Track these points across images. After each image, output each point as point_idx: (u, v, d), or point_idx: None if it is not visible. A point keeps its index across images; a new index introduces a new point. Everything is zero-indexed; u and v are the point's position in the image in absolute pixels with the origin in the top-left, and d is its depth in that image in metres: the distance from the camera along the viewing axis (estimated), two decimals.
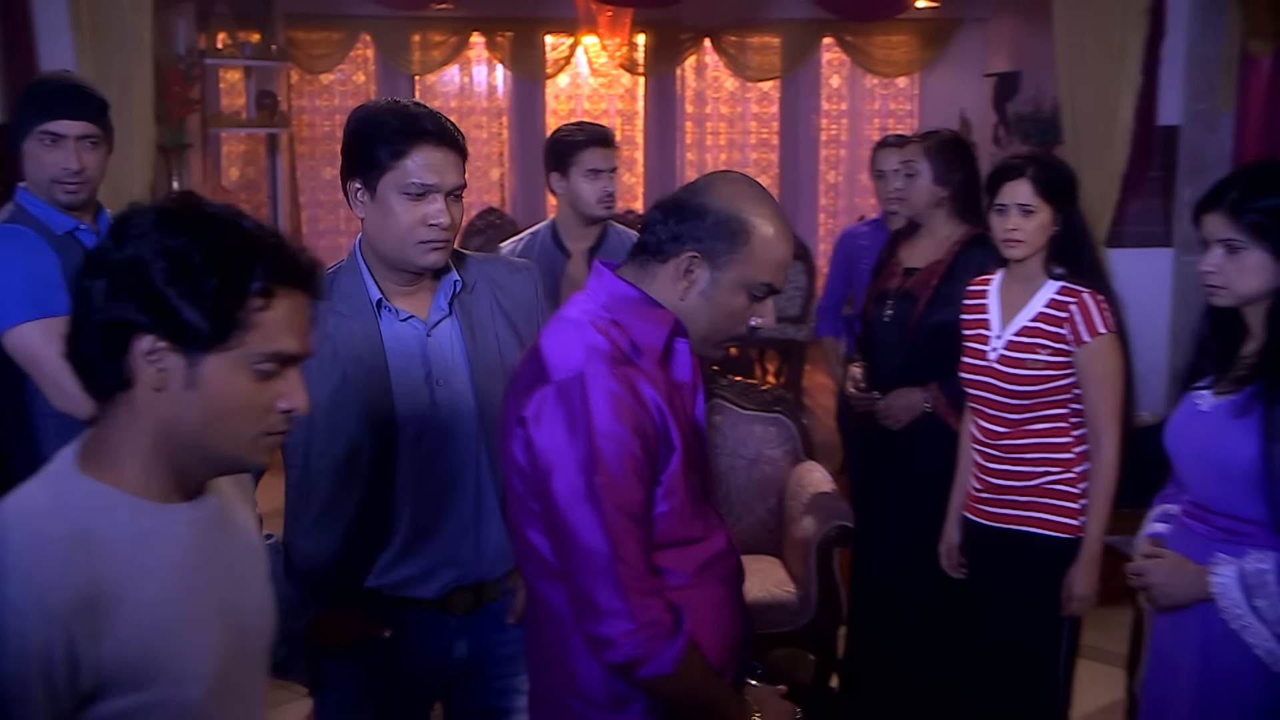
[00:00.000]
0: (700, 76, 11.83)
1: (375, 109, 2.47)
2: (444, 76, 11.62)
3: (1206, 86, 7.05)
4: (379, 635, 2.45)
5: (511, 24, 11.10)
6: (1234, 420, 2.52)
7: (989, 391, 3.38)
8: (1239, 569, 2.50)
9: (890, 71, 11.54)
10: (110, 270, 1.52)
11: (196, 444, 1.58)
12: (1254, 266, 2.51)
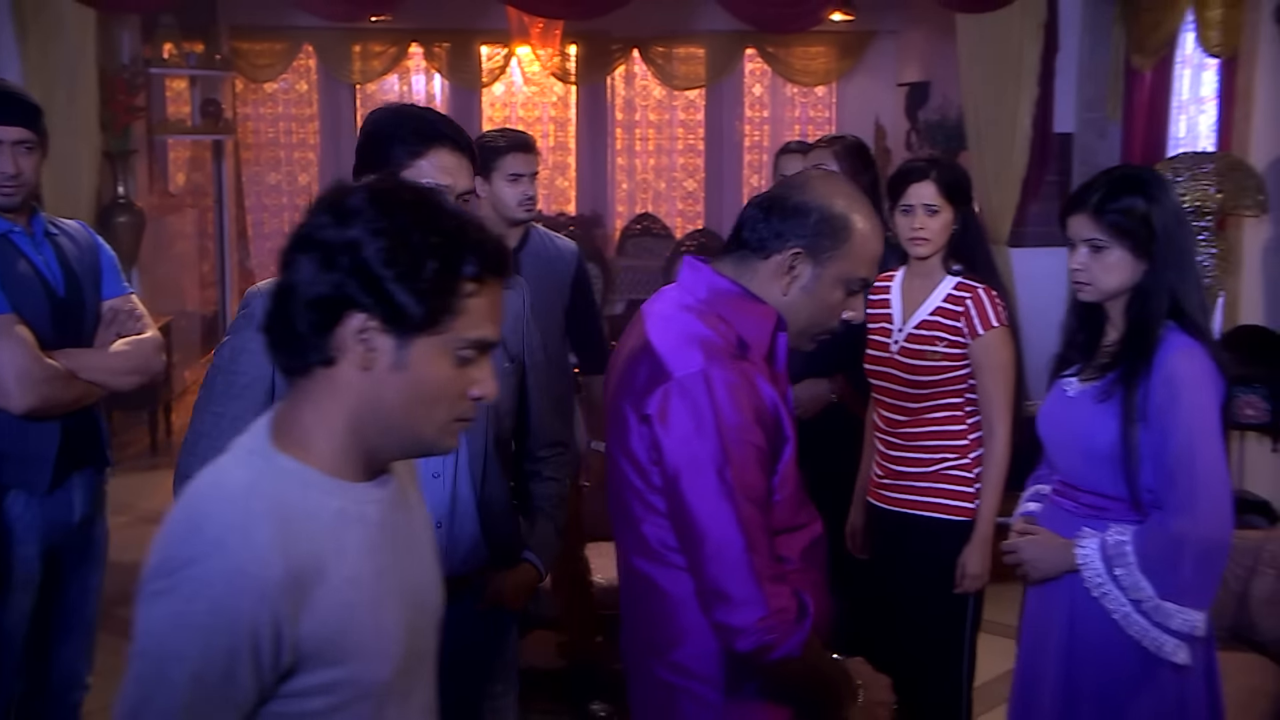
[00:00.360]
0: (629, 85, 11.94)
1: (393, 112, 2.50)
2: (384, 85, 11.67)
3: (1096, 97, 7.29)
4: None
5: (448, 35, 11.16)
6: (1097, 405, 2.61)
7: (890, 381, 3.43)
8: (1101, 541, 2.59)
9: (809, 81, 11.69)
10: (326, 248, 1.46)
11: (394, 426, 1.52)
12: (1116, 264, 2.58)
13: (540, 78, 11.64)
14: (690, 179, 12.07)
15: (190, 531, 1.44)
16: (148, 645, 1.42)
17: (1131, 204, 2.57)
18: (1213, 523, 2.50)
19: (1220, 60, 5.98)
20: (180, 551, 1.42)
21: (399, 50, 11.27)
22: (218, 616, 1.39)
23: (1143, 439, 2.55)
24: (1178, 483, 2.51)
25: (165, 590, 1.41)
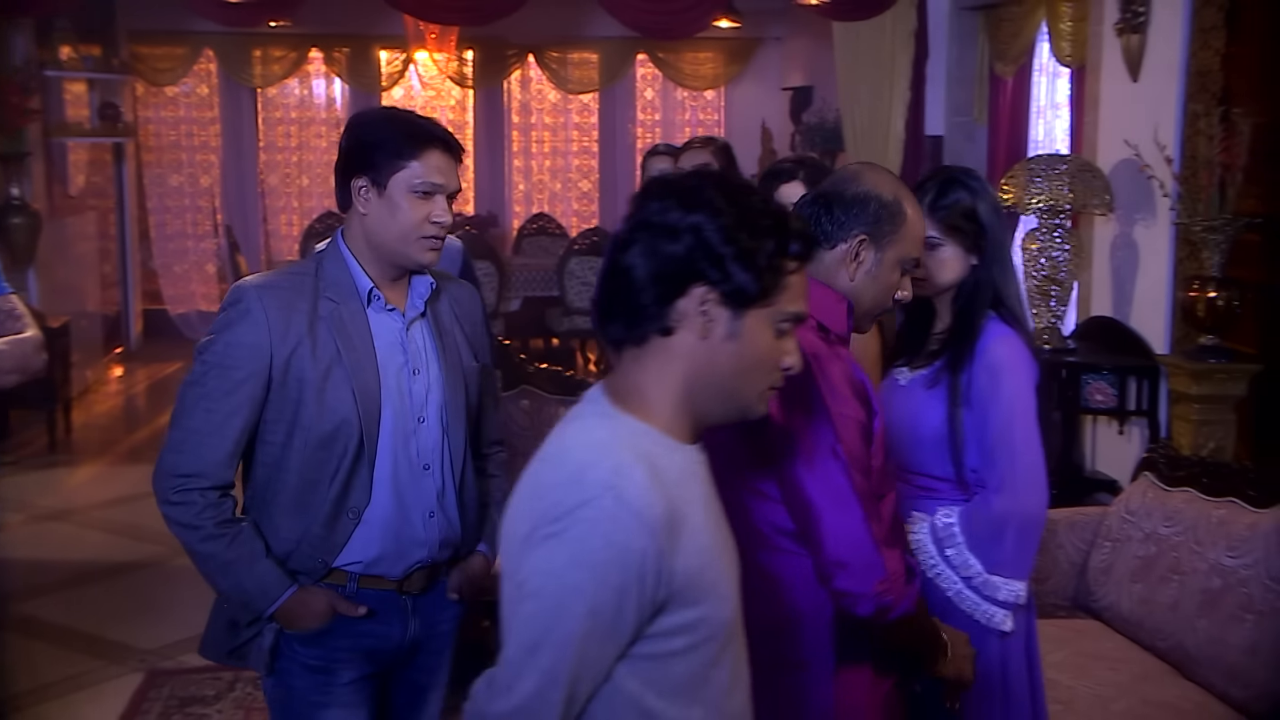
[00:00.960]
0: (525, 89, 11.98)
1: (383, 116, 2.47)
2: (285, 89, 11.59)
3: (964, 102, 7.50)
4: (353, 614, 2.40)
5: (348, 40, 11.11)
6: (926, 391, 2.69)
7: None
8: (930, 525, 2.67)
9: (699, 85, 11.84)
10: (671, 229, 1.56)
11: (723, 390, 1.61)
12: (949, 259, 2.66)
13: (438, 82, 11.63)
14: (585, 180, 12.16)
15: (572, 479, 1.51)
16: (544, 583, 1.48)
17: (962, 203, 2.66)
18: (1030, 498, 2.60)
19: (1072, 69, 6.19)
20: (567, 497, 1.49)
21: (299, 55, 11.20)
22: (612, 551, 1.46)
23: (967, 422, 2.63)
24: (998, 462, 2.60)
25: (557, 533, 1.48)
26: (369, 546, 2.41)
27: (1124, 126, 5.17)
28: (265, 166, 11.64)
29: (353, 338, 2.38)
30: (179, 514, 2.34)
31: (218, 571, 2.36)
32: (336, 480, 2.36)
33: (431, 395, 2.47)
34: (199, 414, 2.32)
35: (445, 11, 7.21)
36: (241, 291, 2.36)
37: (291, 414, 2.34)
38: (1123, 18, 5.20)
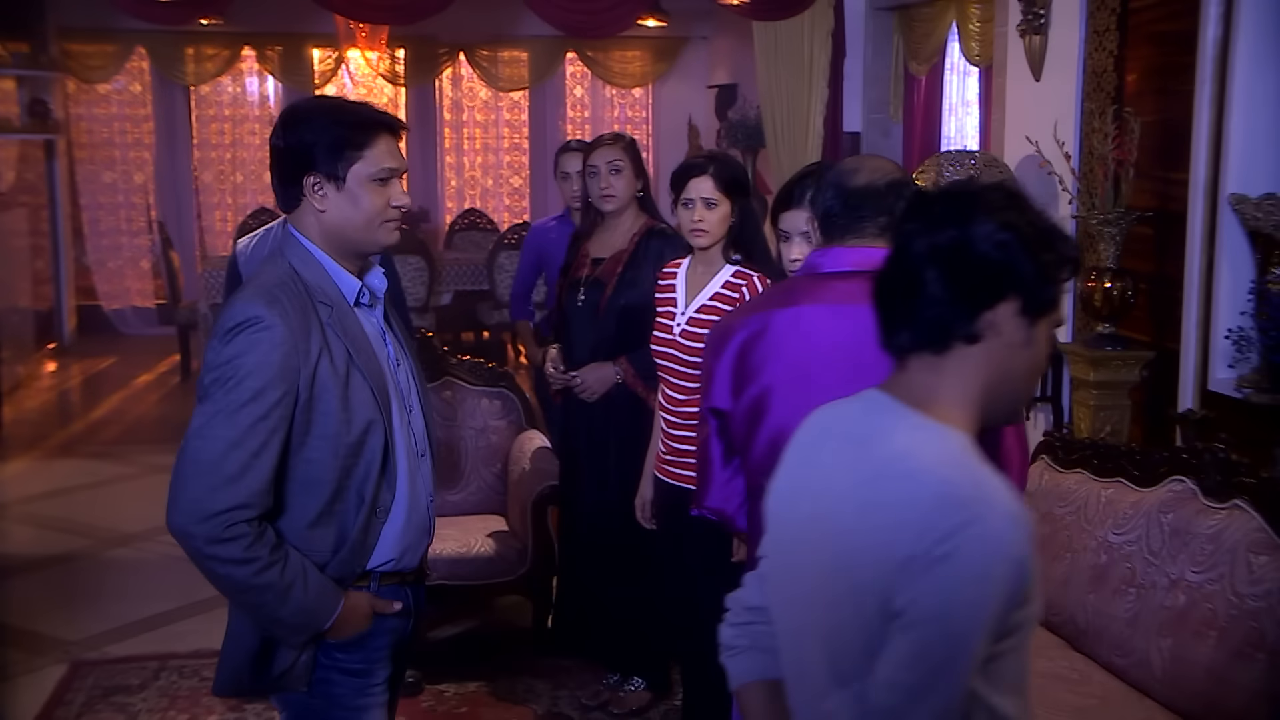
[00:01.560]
0: (457, 87, 11.94)
1: (322, 107, 2.38)
2: (218, 86, 11.47)
3: (880, 99, 7.58)
4: (390, 611, 2.38)
5: (280, 38, 11.01)
6: None
7: (674, 362, 3.51)
8: None
9: (627, 83, 11.86)
10: (985, 244, 1.55)
11: (1012, 395, 1.63)
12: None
13: (370, 80, 11.56)
14: (516, 176, 12.15)
15: (944, 498, 1.46)
16: (941, 606, 1.44)
17: None
18: None
19: (980, 68, 6.29)
20: (946, 518, 1.44)
21: (232, 53, 11.09)
22: (1007, 565, 1.44)
23: None
24: None
25: (948, 554, 1.43)
26: (396, 543, 2.37)
27: (1028, 124, 5.26)
28: (199, 163, 11.51)
29: (357, 339, 2.31)
30: (231, 551, 2.14)
31: (277, 600, 2.19)
32: (369, 482, 2.30)
33: (411, 382, 2.47)
34: (233, 447, 2.14)
35: (374, 10, 7.16)
36: (254, 309, 2.19)
37: (321, 426, 2.24)
38: (1024, 19, 5.28)
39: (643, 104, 12.16)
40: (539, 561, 4.33)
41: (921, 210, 1.62)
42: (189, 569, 2.26)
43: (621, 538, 3.87)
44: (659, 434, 3.60)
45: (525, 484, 4.42)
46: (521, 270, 5.29)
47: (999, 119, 5.67)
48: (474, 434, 4.73)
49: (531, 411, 4.83)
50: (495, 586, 4.36)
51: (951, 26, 6.55)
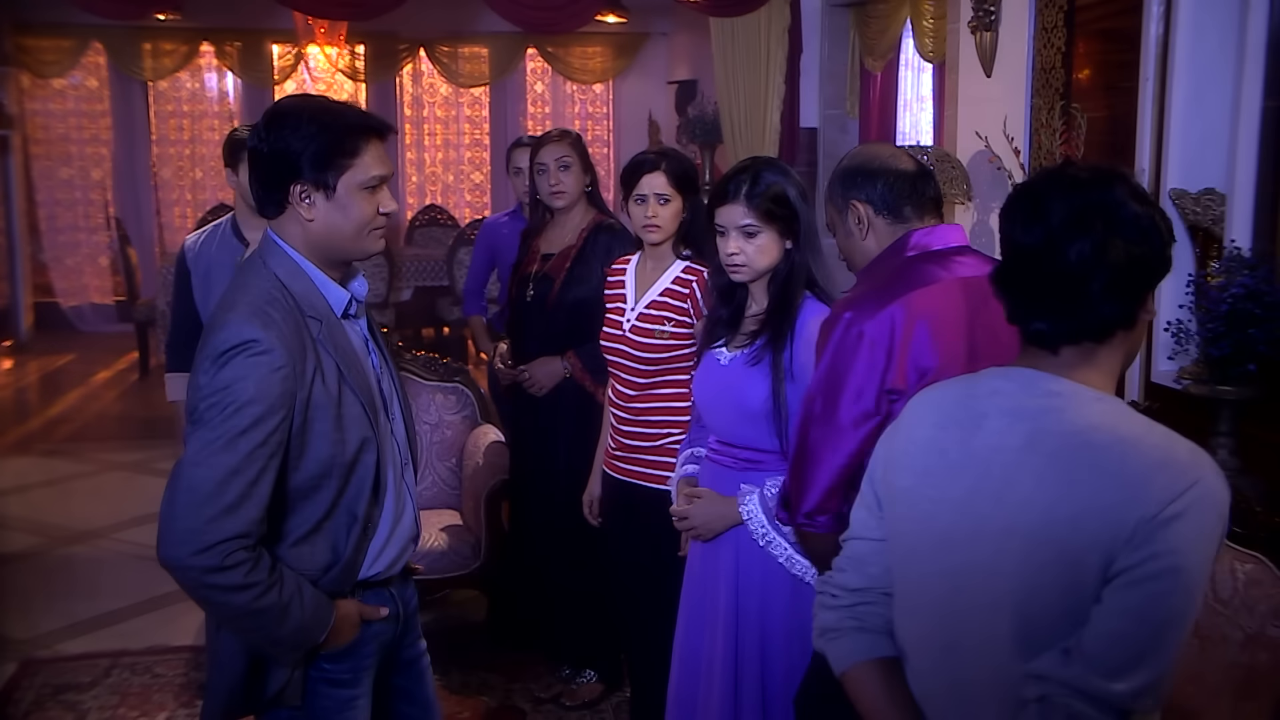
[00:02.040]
0: (417, 83, 11.89)
1: (308, 111, 2.24)
2: (176, 82, 11.38)
3: (836, 95, 7.61)
4: (377, 618, 2.35)
5: (239, 34, 10.94)
6: (749, 368, 2.76)
7: (623, 358, 3.50)
8: (760, 495, 2.75)
9: (587, 79, 11.86)
10: (1142, 233, 1.63)
11: (1129, 364, 1.79)
12: (767, 245, 2.74)
13: (330, 76, 11.50)
14: (477, 171, 12.13)
15: (1168, 464, 1.57)
16: (1175, 562, 1.54)
17: (776, 191, 2.74)
18: None
19: (934, 65, 6.33)
20: (1177, 480, 1.55)
21: (190, 49, 11.02)
22: (1224, 520, 1.59)
23: (790, 396, 2.71)
24: None
25: (1179, 513, 1.54)
26: (384, 555, 2.34)
27: (979, 119, 5.31)
28: (158, 159, 11.43)
29: (347, 354, 2.25)
30: (230, 578, 2.07)
31: (275, 621, 2.14)
32: (361, 501, 2.25)
33: (393, 391, 2.42)
34: (232, 475, 2.07)
35: (331, 6, 7.14)
36: (249, 329, 2.11)
37: (316, 448, 2.18)
38: (975, 16, 5.32)
39: (603, 100, 12.16)
40: (493, 556, 4.33)
41: (1071, 215, 1.63)
42: (144, 566, 2.24)
43: (571, 532, 3.87)
44: (608, 429, 3.60)
45: (479, 478, 4.41)
46: (474, 266, 5.30)
47: (951, 115, 5.71)
48: (428, 429, 4.72)
49: (486, 406, 4.83)
50: (449, 581, 4.36)
51: (906, 23, 6.58)
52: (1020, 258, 1.68)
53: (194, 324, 4.03)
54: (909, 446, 1.78)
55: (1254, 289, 3.28)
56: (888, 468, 1.81)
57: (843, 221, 2.43)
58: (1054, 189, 1.67)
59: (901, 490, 1.78)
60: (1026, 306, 1.68)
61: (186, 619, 4.58)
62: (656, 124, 11.06)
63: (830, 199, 2.47)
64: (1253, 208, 3.53)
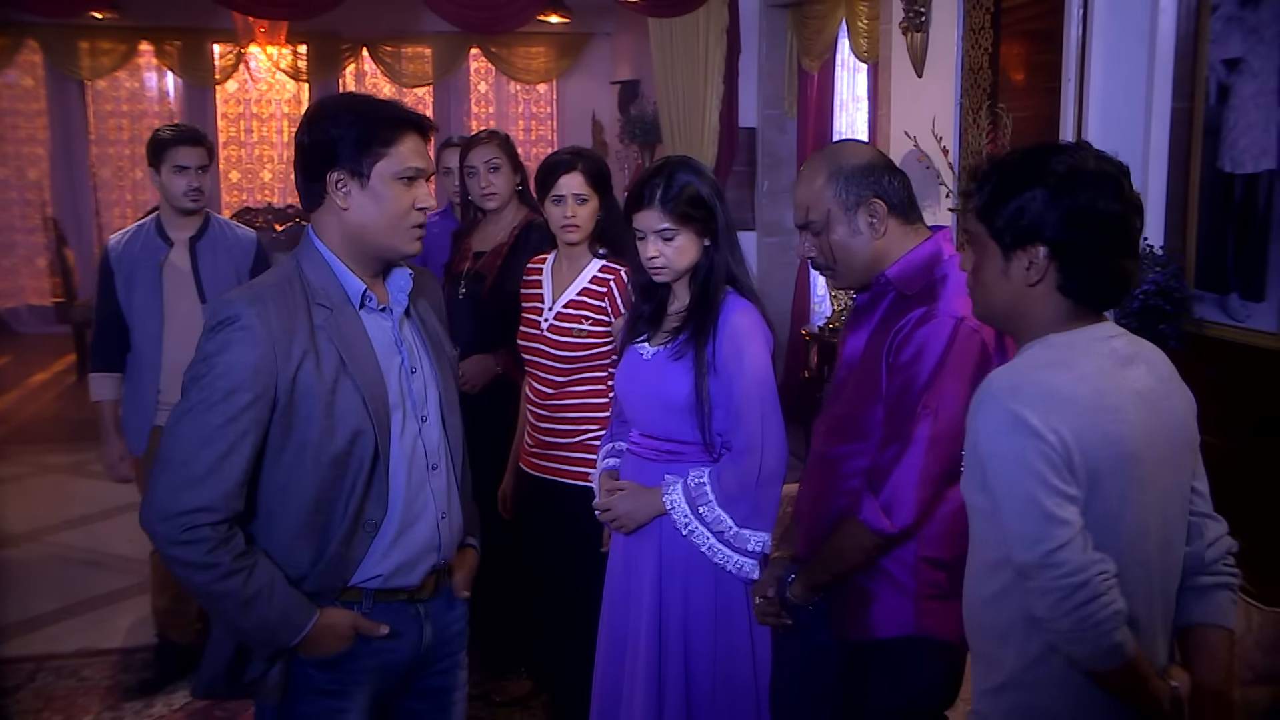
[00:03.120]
0: (360, 83, 11.83)
1: (349, 104, 2.28)
2: (115, 81, 11.25)
3: (775, 95, 7.66)
4: (375, 634, 2.27)
5: (179, 33, 10.84)
6: (672, 363, 2.81)
7: (541, 357, 3.52)
8: (684, 485, 2.80)
9: (531, 79, 11.85)
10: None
11: None
12: (685, 246, 2.78)
13: (272, 76, 11.43)
14: None
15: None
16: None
17: (691, 193, 2.77)
18: (773, 456, 2.75)
19: (869, 65, 6.39)
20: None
21: (129, 48, 10.90)
22: None
23: (713, 389, 2.76)
24: (745, 424, 2.74)
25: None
26: (387, 559, 2.27)
27: (911, 119, 5.37)
28: (97, 160, 11.30)
29: (354, 345, 2.22)
30: (189, 554, 2.07)
31: (238, 610, 2.11)
32: (354, 495, 2.20)
33: (429, 391, 2.37)
34: (201, 445, 2.07)
35: (268, 6, 7.10)
36: (234, 307, 2.12)
37: (301, 433, 2.15)
38: (906, 17, 5.39)
39: (547, 100, 12.17)
40: None
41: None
42: (74, 569, 2.22)
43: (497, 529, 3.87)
44: (524, 427, 3.62)
45: None
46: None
47: (885, 114, 5.78)
48: None
49: None
50: None
51: (841, 24, 6.64)
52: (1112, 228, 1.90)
53: (118, 324, 4.02)
54: (1092, 409, 1.86)
55: (1164, 285, 3.36)
56: (1079, 434, 1.83)
57: (850, 219, 2.40)
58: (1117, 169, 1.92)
59: (1104, 444, 1.85)
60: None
61: (115, 621, 4.56)
62: (600, 124, 11.08)
63: (834, 196, 2.41)
64: (1164, 206, 3.60)
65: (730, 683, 2.83)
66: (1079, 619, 1.77)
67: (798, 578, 2.48)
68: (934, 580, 2.38)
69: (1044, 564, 1.78)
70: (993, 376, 1.89)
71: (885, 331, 2.37)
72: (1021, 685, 1.91)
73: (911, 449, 2.27)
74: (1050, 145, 1.96)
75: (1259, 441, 3.24)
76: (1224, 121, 3.36)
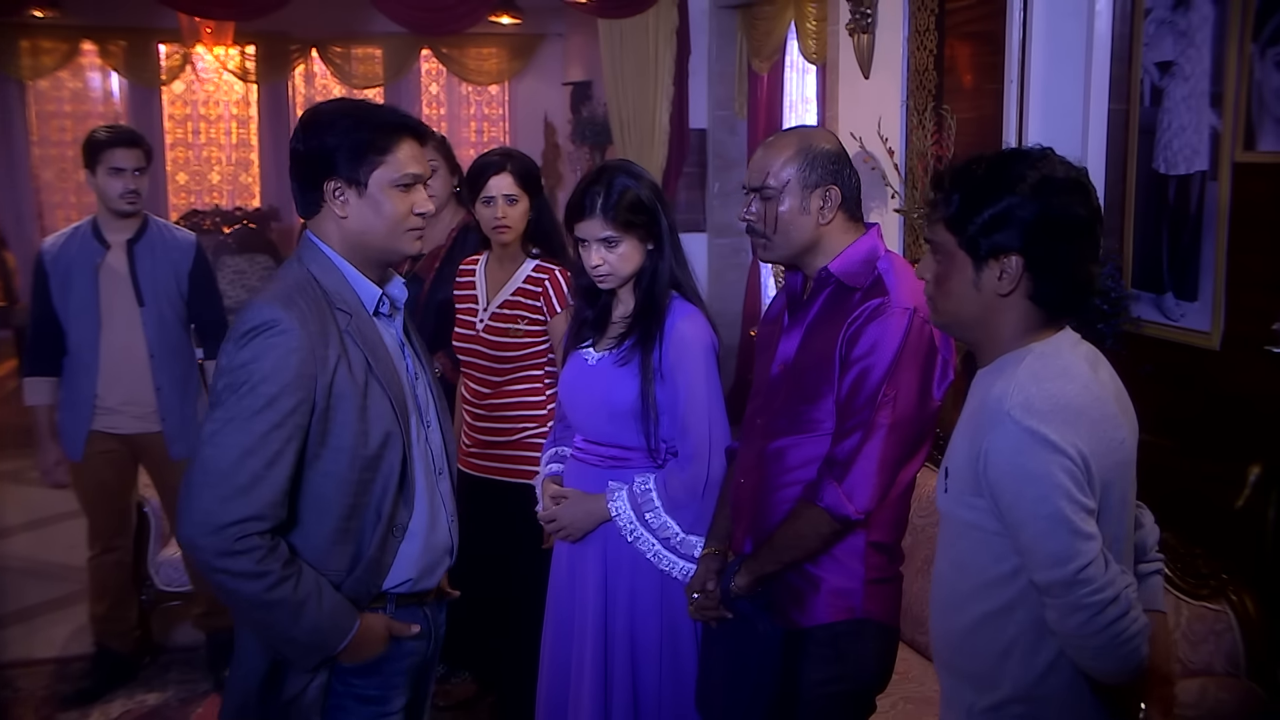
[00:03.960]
0: (310, 84, 11.77)
1: (344, 110, 2.28)
2: (57, 82, 11.13)
3: (725, 96, 7.70)
4: (406, 635, 2.31)
5: (124, 33, 10.73)
6: (617, 369, 2.82)
7: (477, 357, 3.56)
8: (629, 492, 2.81)
9: (483, 80, 11.83)
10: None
11: None
12: (629, 253, 2.79)
13: (219, 77, 11.35)
14: None
15: None
16: None
17: (632, 199, 2.78)
18: (719, 462, 2.77)
19: (817, 66, 6.44)
20: None
21: (71, 47, 10.79)
22: None
23: (659, 395, 2.78)
24: (691, 430, 2.77)
25: None
26: (414, 563, 2.30)
27: (857, 121, 5.42)
28: (39, 161, 11.18)
29: (376, 348, 2.24)
30: (242, 564, 2.05)
31: (289, 618, 2.11)
32: (386, 499, 2.22)
33: (430, 397, 2.41)
34: (247, 454, 2.06)
35: (212, 6, 7.06)
36: (270, 311, 2.11)
37: (338, 437, 2.16)
38: (853, 18, 5.43)
39: (499, 101, 12.16)
40: None
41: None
42: (9, 578, 2.19)
43: None
44: (461, 428, 3.64)
45: None
46: None
47: (833, 116, 5.82)
48: None
49: None
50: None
51: (791, 25, 6.69)
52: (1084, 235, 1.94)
53: (52, 327, 4.00)
54: (1104, 408, 1.89)
55: (1101, 285, 3.41)
56: (1092, 446, 1.85)
57: (804, 197, 2.44)
58: (1082, 174, 1.94)
59: (1111, 449, 1.88)
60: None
61: (51, 630, 4.53)
62: (553, 125, 11.08)
63: (798, 171, 2.44)
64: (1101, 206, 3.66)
65: (677, 688, 2.85)
66: (1111, 636, 1.79)
67: (742, 569, 2.51)
68: (877, 564, 2.45)
69: (1074, 581, 1.78)
70: (999, 395, 1.87)
71: (832, 325, 2.42)
72: (1029, 699, 1.92)
73: (874, 437, 2.33)
74: (1016, 153, 1.97)
75: (1193, 439, 3.31)
76: (1158, 123, 3.42)
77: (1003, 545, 1.87)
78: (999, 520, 1.87)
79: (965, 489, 1.92)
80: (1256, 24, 3.02)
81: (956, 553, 1.98)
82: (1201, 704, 2.41)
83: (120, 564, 4.22)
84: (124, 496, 4.26)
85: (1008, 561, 1.88)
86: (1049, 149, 1.99)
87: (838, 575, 2.43)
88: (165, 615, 4.58)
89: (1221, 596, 2.60)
